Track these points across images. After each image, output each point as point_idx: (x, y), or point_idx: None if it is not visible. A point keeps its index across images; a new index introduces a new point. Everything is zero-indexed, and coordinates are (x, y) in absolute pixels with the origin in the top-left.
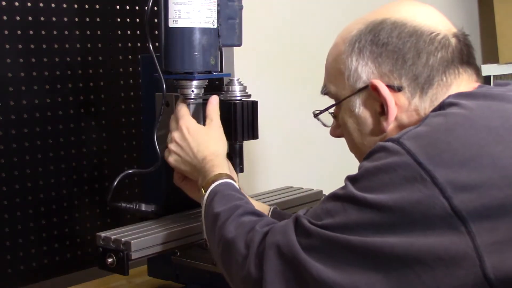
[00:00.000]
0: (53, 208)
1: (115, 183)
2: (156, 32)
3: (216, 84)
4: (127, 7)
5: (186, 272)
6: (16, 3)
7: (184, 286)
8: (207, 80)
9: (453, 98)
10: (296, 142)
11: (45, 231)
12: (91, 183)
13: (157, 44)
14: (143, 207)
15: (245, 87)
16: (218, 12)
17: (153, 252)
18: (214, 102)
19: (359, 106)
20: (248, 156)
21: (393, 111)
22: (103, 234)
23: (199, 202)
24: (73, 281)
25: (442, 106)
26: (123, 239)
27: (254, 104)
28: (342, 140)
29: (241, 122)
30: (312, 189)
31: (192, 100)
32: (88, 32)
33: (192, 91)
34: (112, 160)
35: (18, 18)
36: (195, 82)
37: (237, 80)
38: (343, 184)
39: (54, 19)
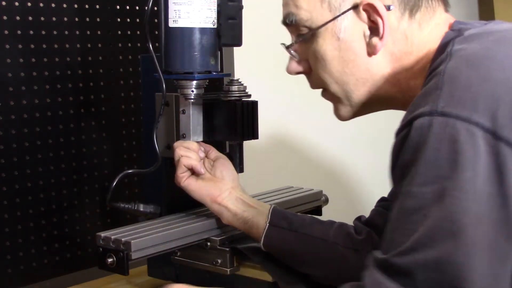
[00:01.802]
0: (53, 208)
1: (115, 183)
2: (156, 32)
3: (216, 84)
4: (127, 7)
5: (186, 272)
6: (16, 3)
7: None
8: (207, 80)
9: (459, 43)
10: (296, 142)
11: (45, 231)
12: (91, 183)
13: (157, 44)
14: (142, 207)
15: (245, 87)
16: (218, 12)
17: (153, 252)
18: None
19: (344, 30)
20: (248, 156)
21: (388, 31)
22: (103, 234)
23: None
24: (73, 281)
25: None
26: (123, 239)
27: (254, 104)
28: (342, 140)
29: (241, 122)
30: (312, 189)
31: (192, 100)
32: (88, 32)
33: (192, 91)
34: (112, 160)
35: (18, 18)
36: (195, 82)
37: (237, 80)
38: (343, 184)
39: (54, 19)
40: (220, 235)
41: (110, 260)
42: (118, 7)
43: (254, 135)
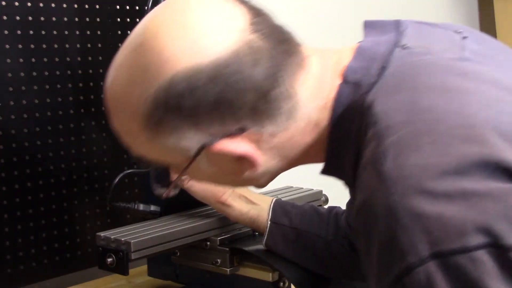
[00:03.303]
0: (53, 208)
1: (115, 183)
2: None
3: None
4: (127, 7)
5: (186, 272)
6: (16, 3)
7: (184, 286)
8: None
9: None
10: None
11: (45, 231)
12: (91, 183)
13: None
14: (142, 207)
15: None
16: None
17: (153, 252)
18: None
19: (209, 166)
20: None
21: (255, 153)
22: (103, 234)
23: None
24: (73, 281)
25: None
26: (123, 239)
27: None
28: None
29: None
30: (312, 189)
31: None
32: (88, 32)
33: None
34: (112, 160)
35: (18, 18)
36: None
37: None
38: (342, 183)
39: (54, 19)
40: (220, 235)
41: (110, 260)
42: (118, 7)
43: None
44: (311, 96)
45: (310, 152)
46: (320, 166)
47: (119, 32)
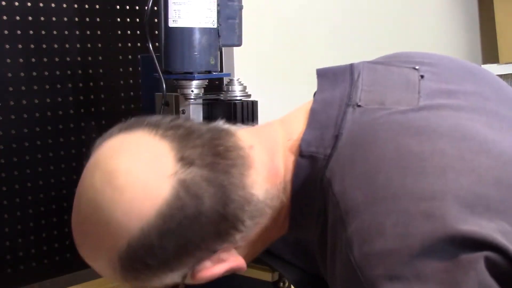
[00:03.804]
0: (53, 208)
1: None
2: (156, 32)
3: (216, 84)
4: (127, 7)
5: None
6: (16, 3)
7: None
8: (207, 80)
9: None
10: None
11: (45, 231)
12: None
13: (157, 44)
14: None
15: (245, 87)
16: (218, 12)
17: None
18: None
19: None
20: None
21: (236, 262)
22: None
23: None
24: (73, 281)
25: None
26: None
27: (254, 104)
28: None
29: (241, 122)
30: None
31: (192, 100)
32: (88, 32)
33: (192, 91)
34: None
35: (18, 18)
36: (195, 82)
37: (237, 80)
38: None
39: (54, 19)
40: None
41: None
42: (118, 7)
43: None
44: (268, 187)
45: (280, 229)
46: None
47: (119, 32)
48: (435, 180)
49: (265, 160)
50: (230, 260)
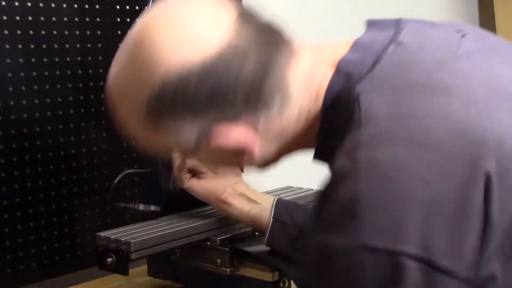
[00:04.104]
0: (53, 208)
1: (115, 183)
2: None
3: None
4: (127, 7)
5: (186, 272)
6: (16, 3)
7: (184, 286)
8: None
9: (365, 147)
10: None
11: (45, 231)
12: (91, 183)
13: None
14: (142, 207)
15: None
16: None
17: (153, 252)
18: None
19: (208, 152)
20: None
21: (251, 142)
22: (103, 234)
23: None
24: (73, 281)
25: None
26: (123, 239)
27: None
28: None
29: None
30: (312, 189)
31: None
32: (88, 32)
33: None
34: (112, 160)
35: (18, 18)
36: None
37: None
38: None
39: (54, 19)
40: (220, 235)
41: (110, 260)
42: (118, 7)
43: None
44: (303, 84)
45: (302, 139)
46: (320, 166)
47: (119, 32)
48: (460, 108)
49: (309, 63)
50: (247, 136)
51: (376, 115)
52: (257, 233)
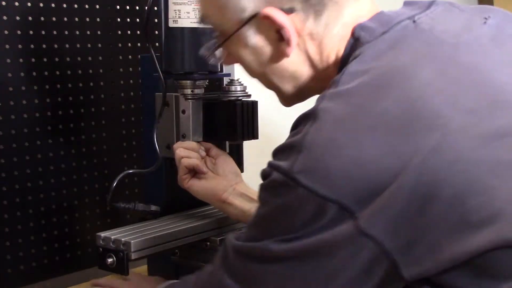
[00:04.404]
0: (53, 208)
1: (115, 183)
2: (156, 32)
3: (216, 84)
4: (127, 7)
5: (186, 272)
6: (16, 3)
7: None
8: (207, 80)
9: (330, 98)
10: None
11: (45, 231)
12: (91, 183)
13: (157, 44)
14: (142, 207)
15: (245, 87)
16: None
17: (153, 252)
18: None
19: (252, 37)
20: (248, 156)
21: (294, 35)
22: (103, 234)
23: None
24: (73, 281)
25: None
26: (123, 239)
27: (254, 104)
28: None
29: (241, 122)
30: None
31: (192, 100)
32: (88, 32)
33: (192, 91)
34: (112, 160)
35: (18, 18)
36: (195, 82)
37: (237, 80)
38: None
39: (54, 19)
40: (220, 235)
41: (110, 260)
42: (118, 7)
43: (254, 135)
44: (345, 23)
45: (322, 81)
46: None
47: (119, 32)
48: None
49: (350, 19)
50: (291, 29)
51: (367, 67)
52: None
